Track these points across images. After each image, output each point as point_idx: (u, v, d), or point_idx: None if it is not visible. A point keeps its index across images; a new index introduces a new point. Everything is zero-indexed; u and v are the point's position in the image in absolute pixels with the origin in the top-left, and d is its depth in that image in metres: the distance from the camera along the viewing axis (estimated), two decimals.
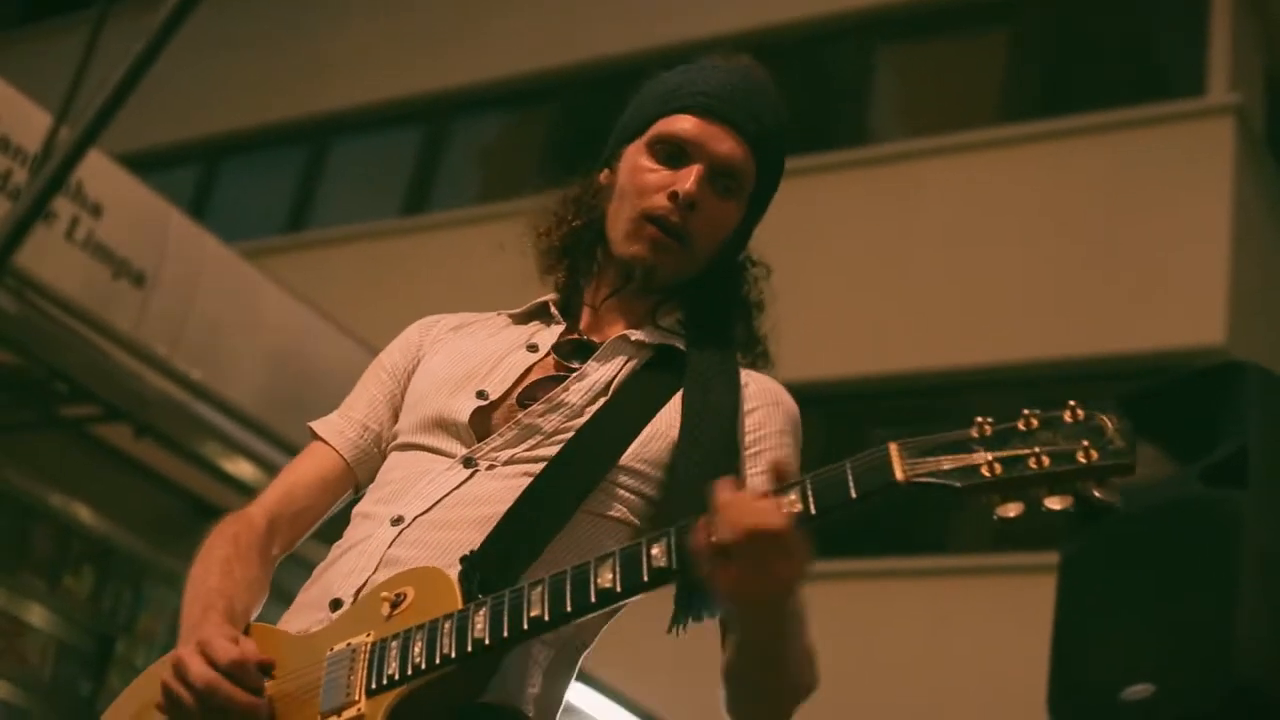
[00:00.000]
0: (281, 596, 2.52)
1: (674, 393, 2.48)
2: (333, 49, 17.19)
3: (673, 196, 2.51)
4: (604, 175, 2.68)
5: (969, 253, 12.72)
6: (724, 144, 2.54)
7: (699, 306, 2.61)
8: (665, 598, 2.29)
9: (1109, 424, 1.96)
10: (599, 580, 2.13)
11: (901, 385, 12.84)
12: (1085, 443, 1.94)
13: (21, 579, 7.86)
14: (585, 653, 2.48)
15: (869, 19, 14.51)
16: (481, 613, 2.17)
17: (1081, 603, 4.20)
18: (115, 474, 8.11)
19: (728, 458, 2.39)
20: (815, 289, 12.21)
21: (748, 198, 2.61)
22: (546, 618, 2.15)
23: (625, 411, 2.47)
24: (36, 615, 7.96)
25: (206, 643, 2.22)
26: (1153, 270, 11.92)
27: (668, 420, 2.46)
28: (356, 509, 2.55)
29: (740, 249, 2.67)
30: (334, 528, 2.61)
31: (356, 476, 2.64)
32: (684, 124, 2.55)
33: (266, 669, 2.24)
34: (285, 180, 17.35)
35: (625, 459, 2.42)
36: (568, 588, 2.15)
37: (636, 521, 2.42)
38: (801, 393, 2.68)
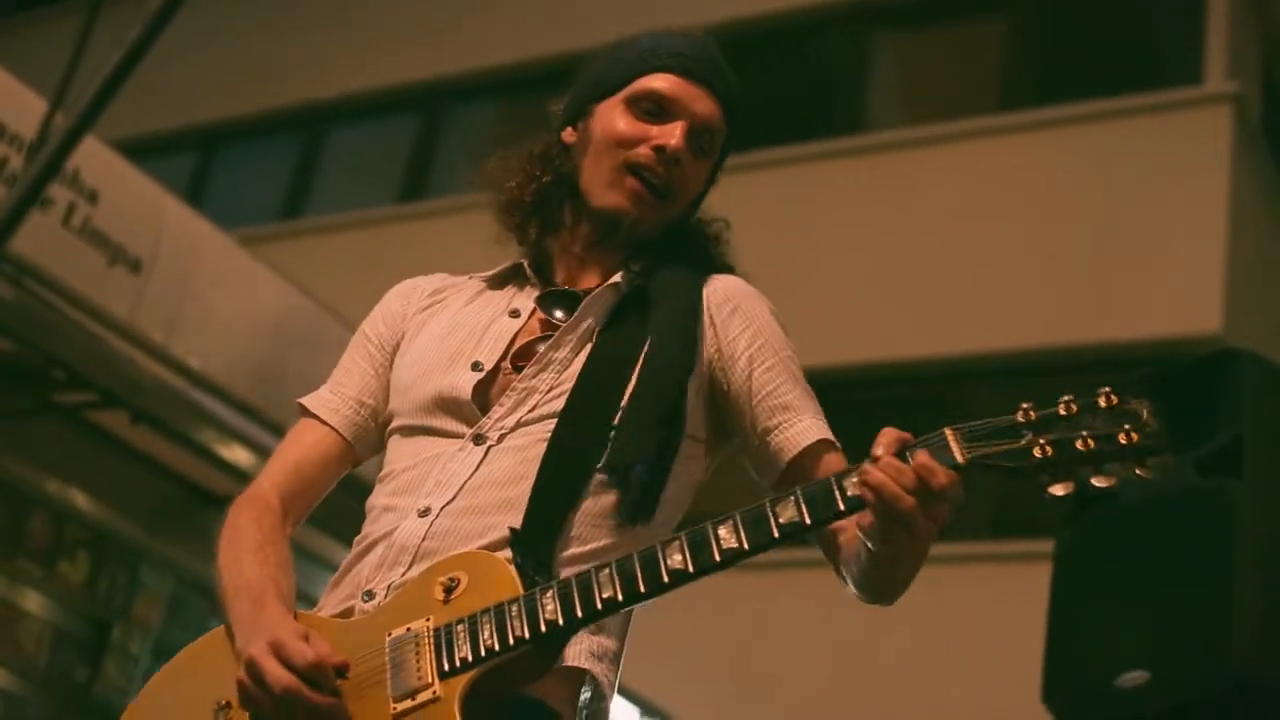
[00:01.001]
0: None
1: (647, 330, 2.50)
2: (329, 37, 17.17)
3: (659, 150, 2.55)
4: (568, 133, 2.70)
5: (966, 241, 12.71)
6: (703, 104, 2.61)
7: (666, 256, 2.63)
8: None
9: (1143, 409, 2.12)
10: (669, 560, 2.19)
11: (898, 373, 12.83)
12: (1126, 426, 2.10)
13: (17, 565, 7.85)
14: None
15: (866, 7, 14.48)
16: (549, 594, 2.21)
17: (1077, 590, 4.22)
18: (111, 460, 8.10)
19: (680, 361, 2.44)
20: (812, 276, 12.21)
21: (715, 158, 2.67)
22: (620, 597, 2.20)
23: (609, 362, 2.49)
24: (32, 602, 7.95)
25: (281, 645, 2.21)
26: (1149, 259, 11.91)
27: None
28: (372, 501, 2.56)
29: (697, 208, 2.71)
30: (349, 524, 2.62)
31: (356, 453, 2.65)
32: (664, 82, 2.61)
33: (342, 671, 2.23)
34: (281, 167, 17.32)
35: (624, 405, 2.43)
36: (638, 568, 2.20)
37: None
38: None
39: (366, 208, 16.06)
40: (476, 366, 2.53)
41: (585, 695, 2.36)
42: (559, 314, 2.57)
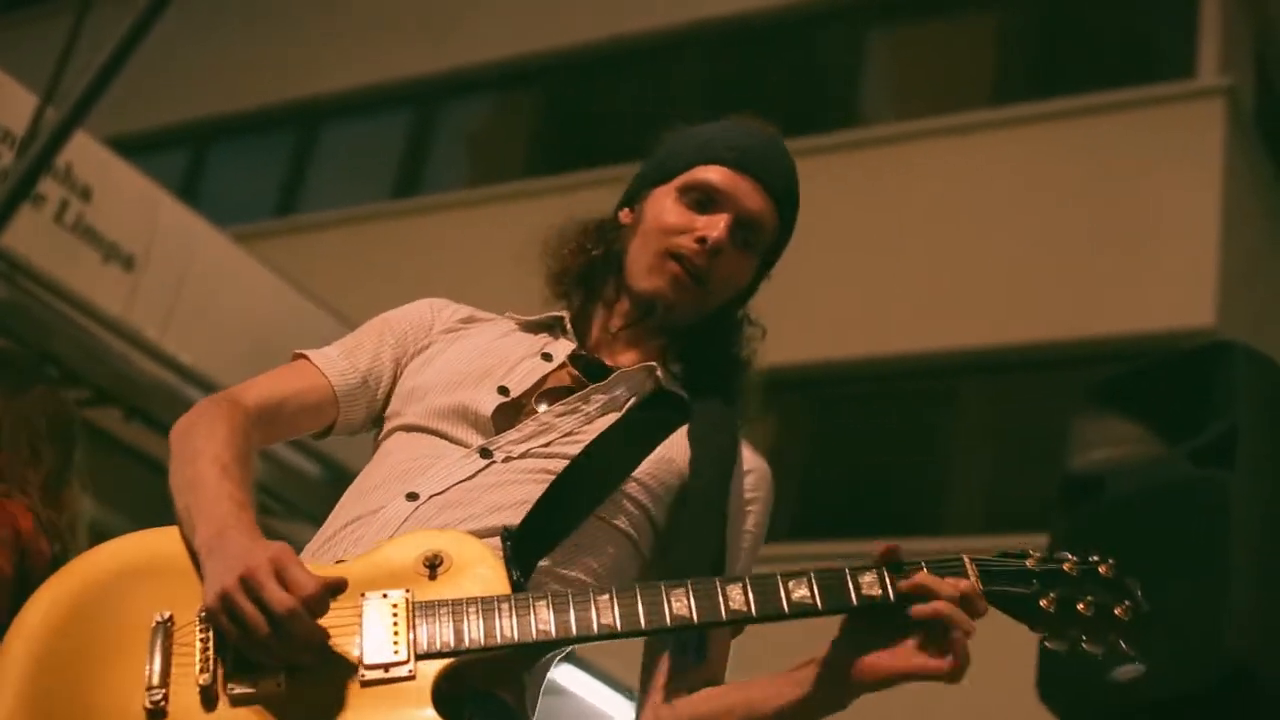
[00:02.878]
0: None
1: (676, 429, 2.57)
2: (323, 33, 17.16)
3: (700, 241, 2.58)
4: (625, 214, 2.74)
5: (959, 235, 12.71)
6: (752, 199, 2.63)
7: (699, 356, 2.69)
8: None
9: (1136, 588, 2.33)
10: (673, 604, 2.23)
11: (890, 368, 12.84)
12: (1125, 602, 2.30)
13: None
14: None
15: (860, 2, 14.49)
16: (544, 604, 2.21)
17: None
18: (105, 457, 8.08)
19: (722, 501, 2.50)
20: (805, 271, 12.17)
21: (762, 255, 2.69)
22: (618, 627, 2.21)
23: (636, 431, 2.55)
24: None
25: (284, 568, 2.12)
26: (1143, 253, 11.91)
27: (674, 450, 2.54)
28: (359, 483, 2.56)
29: (744, 303, 2.74)
30: (325, 510, 2.60)
31: (337, 418, 2.63)
32: (716, 174, 2.64)
33: (337, 592, 2.15)
34: (275, 164, 17.31)
35: (637, 474, 2.49)
36: (640, 605, 2.23)
37: (638, 539, 2.50)
38: (791, 375, 2.71)
39: (360, 204, 16.05)
40: (503, 390, 2.56)
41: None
42: (587, 377, 2.61)
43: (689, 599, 2.22)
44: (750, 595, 2.23)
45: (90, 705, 2.15)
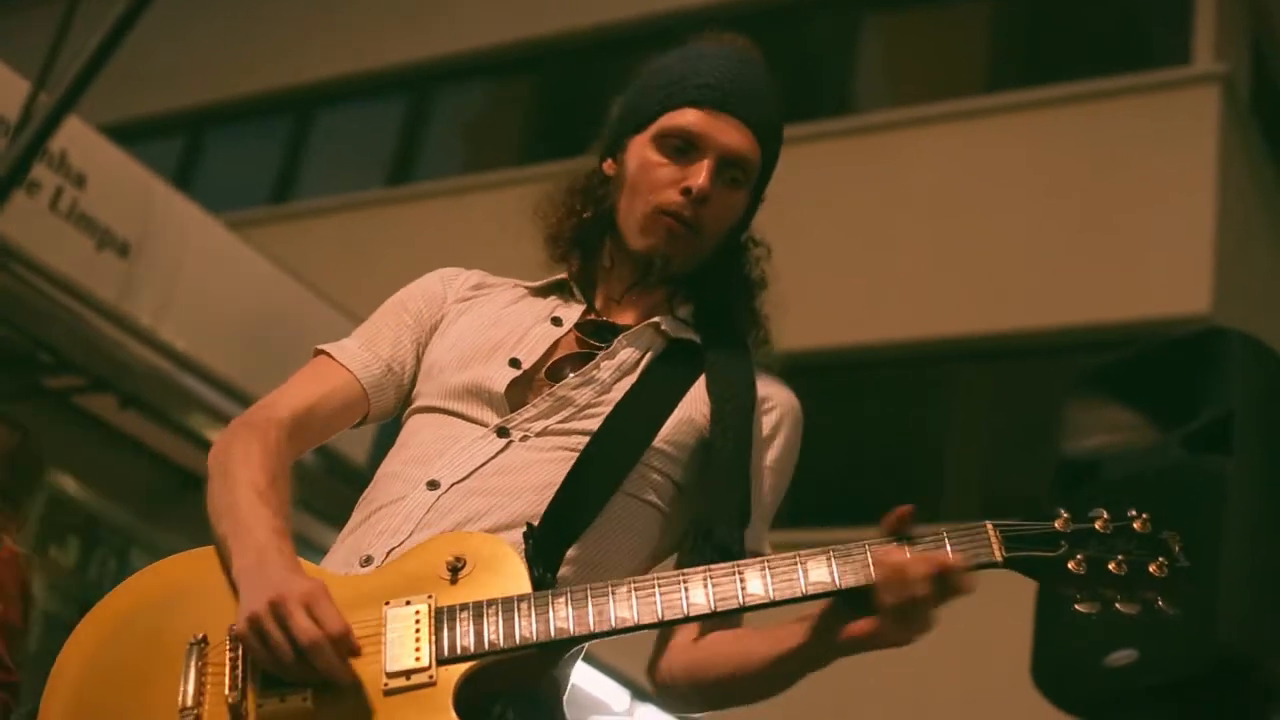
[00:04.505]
0: None
1: (693, 380, 2.55)
2: (316, 20, 17.14)
3: (685, 192, 2.55)
4: (608, 165, 2.70)
5: (954, 222, 12.71)
6: (731, 136, 2.58)
7: (708, 294, 2.67)
8: None
9: (1175, 543, 2.22)
10: (691, 594, 2.22)
11: (886, 355, 12.84)
12: (1160, 558, 2.20)
13: None
14: None
15: None
16: (562, 601, 2.21)
17: None
18: (100, 445, 8.10)
19: (744, 457, 2.47)
20: (799, 258, 12.15)
21: (751, 186, 2.66)
22: (636, 620, 2.20)
23: (652, 395, 2.53)
24: None
25: (316, 601, 2.16)
26: (1138, 240, 11.91)
27: (692, 408, 2.52)
28: (382, 469, 2.56)
29: (743, 231, 2.72)
30: (335, 508, 2.60)
31: (369, 410, 2.64)
32: (690, 117, 2.59)
33: (357, 651, 2.18)
34: (270, 151, 17.30)
35: (658, 441, 2.48)
36: (658, 595, 2.22)
37: (664, 506, 2.50)
38: (787, 362, 2.70)
39: (354, 191, 16.05)
40: (514, 363, 2.55)
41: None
42: (597, 342, 2.60)
43: (707, 588, 2.21)
44: (769, 580, 2.22)
45: None
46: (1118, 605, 2.20)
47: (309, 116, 17.29)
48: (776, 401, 2.60)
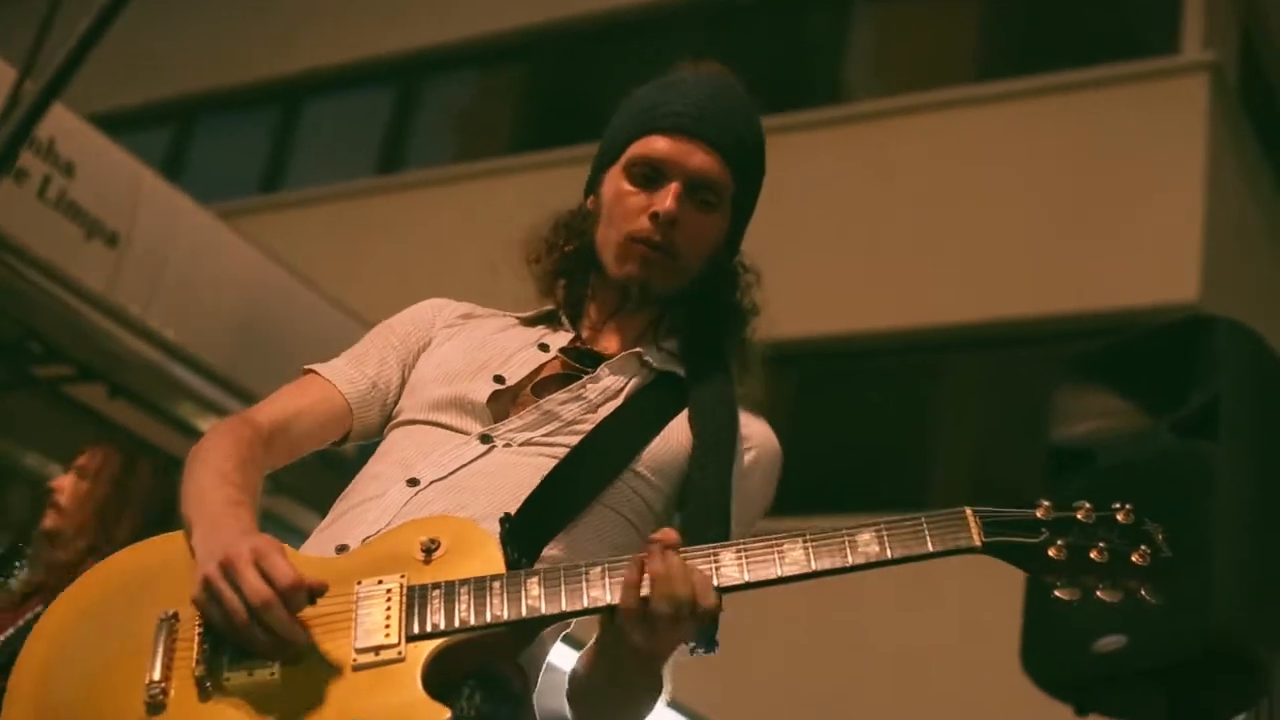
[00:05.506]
0: None
1: (677, 413, 2.57)
2: (305, 9, 17.12)
3: (653, 217, 2.56)
4: (590, 201, 2.73)
5: (944, 211, 12.72)
6: (696, 158, 2.60)
7: (694, 323, 2.69)
8: None
9: (1158, 533, 2.23)
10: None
11: (876, 344, 12.85)
12: (1142, 547, 2.21)
13: None
14: None
15: None
16: (535, 581, 2.22)
17: None
18: (89, 434, 8.08)
19: (728, 485, 2.49)
20: (790, 247, 12.20)
21: (729, 207, 2.66)
22: (608, 600, 2.20)
23: (637, 420, 2.55)
24: (14, 576, 7.94)
25: (264, 555, 2.16)
26: (1127, 228, 11.93)
27: (675, 439, 2.54)
28: (362, 472, 2.58)
29: (730, 256, 2.73)
30: (324, 497, 2.60)
31: (353, 426, 2.66)
32: (657, 145, 2.61)
33: (316, 595, 2.18)
34: (259, 141, 17.28)
35: (638, 463, 2.50)
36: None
37: (641, 528, 2.50)
38: (775, 351, 2.71)
39: (344, 181, 16.04)
40: (499, 379, 2.58)
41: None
42: (580, 365, 2.62)
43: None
44: (745, 563, 2.22)
45: (97, 703, 2.23)
46: (1099, 593, 2.22)
47: (298, 106, 17.28)
48: (756, 442, 2.62)
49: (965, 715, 10.71)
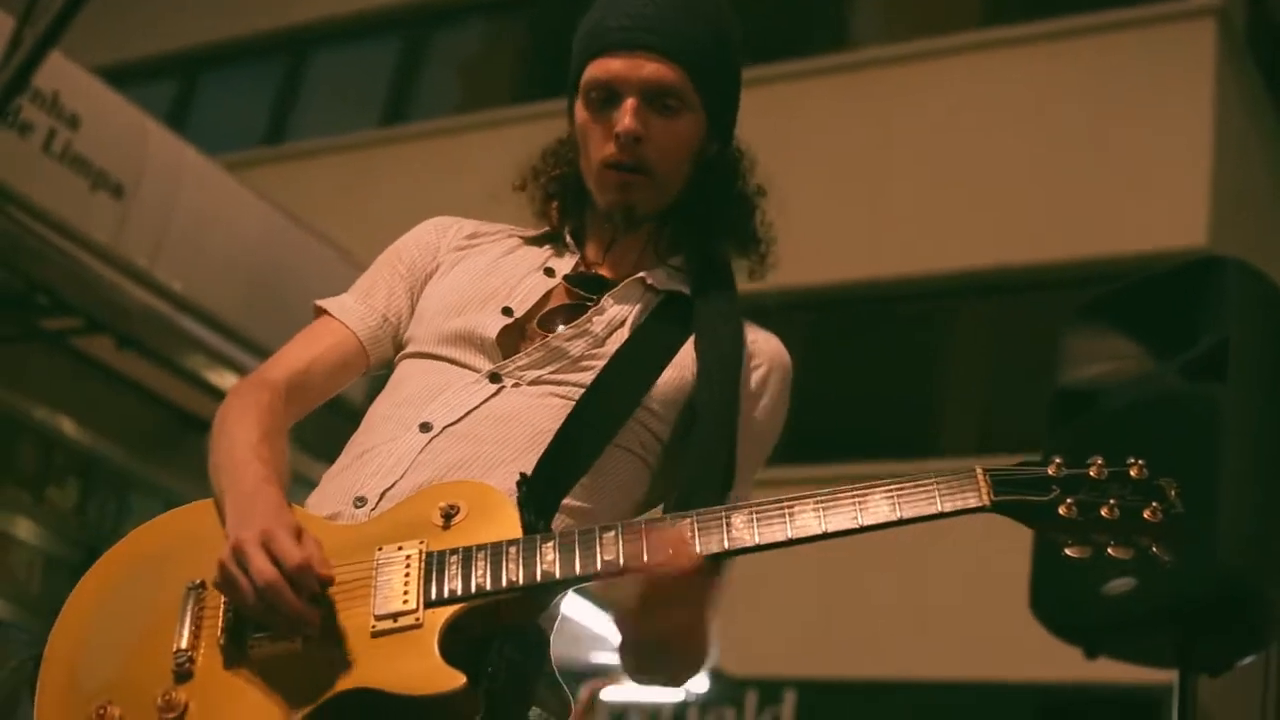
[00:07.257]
0: None
1: (684, 339, 2.55)
2: None
3: (617, 139, 2.53)
4: (570, 129, 2.70)
5: (951, 158, 12.69)
6: (645, 69, 2.54)
7: (696, 232, 2.66)
8: None
9: (1171, 489, 2.21)
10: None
11: (884, 291, 12.85)
12: (1154, 503, 2.19)
13: (6, 493, 7.85)
14: None
15: None
16: (550, 545, 2.23)
17: None
18: (98, 386, 8.09)
19: (731, 416, 2.48)
20: (797, 196, 12.09)
21: (700, 105, 2.60)
22: (621, 563, 2.21)
23: (645, 352, 2.53)
24: (23, 529, 7.96)
25: (272, 537, 2.18)
26: (1136, 173, 11.90)
27: (682, 368, 2.52)
28: (374, 410, 2.57)
29: (723, 144, 2.69)
30: (332, 446, 2.60)
31: (369, 362, 2.65)
32: (604, 66, 2.57)
33: (326, 583, 2.20)
34: (264, 92, 17.25)
35: (649, 400, 2.49)
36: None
37: (651, 461, 2.51)
38: (783, 299, 2.70)
39: (350, 132, 16.01)
40: (507, 311, 2.56)
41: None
42: (588, 294, 2.60)
43: (693, 534, 2.22)
44: (755, 524, 2.22)
45: (128, 670, 2.27)
46: (1110, 550, 2.20)
47: (303, 57, 17.24)
48: (764, 357, 2.60)
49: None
